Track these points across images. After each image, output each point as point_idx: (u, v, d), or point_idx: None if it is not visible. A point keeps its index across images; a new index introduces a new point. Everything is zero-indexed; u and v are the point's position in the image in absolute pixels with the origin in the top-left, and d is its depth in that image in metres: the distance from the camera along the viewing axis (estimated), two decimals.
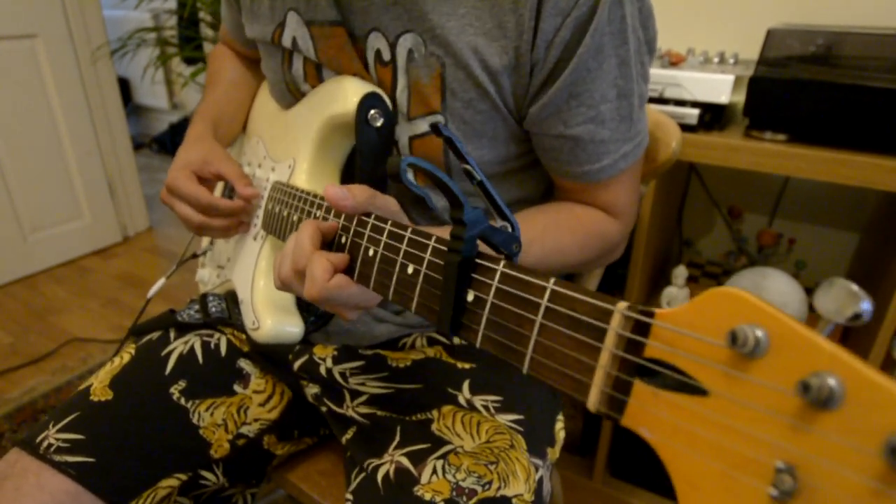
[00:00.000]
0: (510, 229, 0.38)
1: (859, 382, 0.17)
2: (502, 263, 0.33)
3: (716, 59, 1.02)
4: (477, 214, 0.35)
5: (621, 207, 0.63)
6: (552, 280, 0.29)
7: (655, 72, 0.92)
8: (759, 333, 0.19)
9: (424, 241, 0.39)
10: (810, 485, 0.18)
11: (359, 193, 0.45)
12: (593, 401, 0.25)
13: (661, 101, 0.95)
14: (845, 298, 0.19)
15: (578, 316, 0.27)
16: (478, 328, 0.34)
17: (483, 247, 0.37)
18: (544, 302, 0.29)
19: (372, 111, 0.58)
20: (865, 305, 0.18)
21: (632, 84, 0.56)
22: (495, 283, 0.33)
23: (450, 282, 0.35)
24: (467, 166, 0.38)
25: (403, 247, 0.41)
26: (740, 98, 0.91)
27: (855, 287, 0.19)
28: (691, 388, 0.21)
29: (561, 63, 0.52)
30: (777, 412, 0.18)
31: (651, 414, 0.23)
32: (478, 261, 0.35)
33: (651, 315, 0.24)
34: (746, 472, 0.19)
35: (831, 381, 0.17)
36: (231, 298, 0.75)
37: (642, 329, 0.24)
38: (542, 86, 0.54)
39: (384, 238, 0.42)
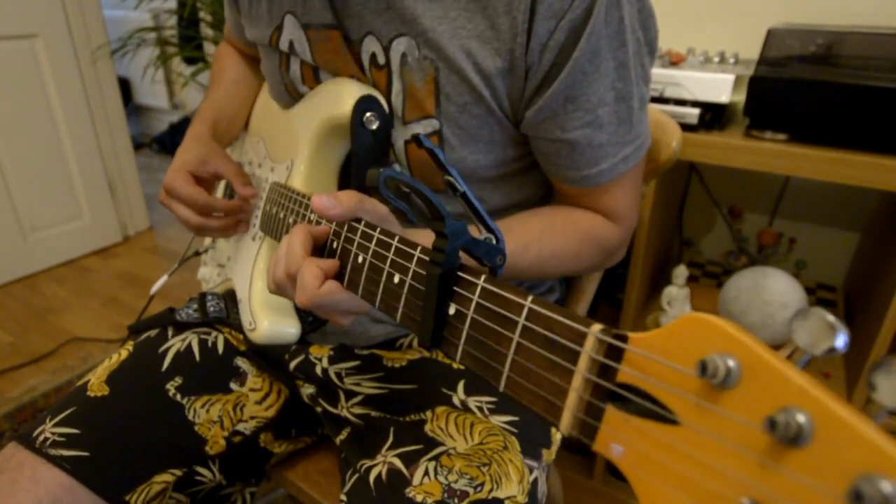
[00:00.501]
0: (495, 241, 0.37)
1: (828, 420, 0.16)
2: (483, 278, 0.33)
3: (716, 59, 1.01)
4: (459, 226, 0.34)
5: (622, 212, 0.62)
6: (529, 298, 0.28)
7: (655, 71, 0.92)
8: (731, 363, 0.18)
9: (410, 250, 0.39)
10: None
11: (346, 200, 0.44)
12: (565, 425, 0.25)
13: (662, 100, 0.94)
14: (820, 331, 0.18)
15: (554, 336, 0.26)
16: (458, 343, 0.33)
17: (470, 260, 0.36)
18: (521, 320, 0.29)
19: (367, 114, 0.58)
20: (840, 341, 0.18)
21: (631, 86, 0.54)
22: (475, 297, 0.32)
23: (431, 294, 0.34)
24: (450, 178, 0.37)
25: (390, 255, 0.40)
26: (740, 98, 0.91)
27: (831, 318, 0.18)
28: (663, 417, 0.21)
29: (556, 67, 0.51)
30: (745, 447, 0.18)
31: (622, 440, 0.22)
32: (460, 274, 0.34)
33: (624, 339, 0.23)
34: None
35: (800, 418, 0.16)
36: (230, 298, 0.75)
37: (616, 353, 0.23)
38: (537, 90, 0.53)
39: (373, 245, 0.42)
